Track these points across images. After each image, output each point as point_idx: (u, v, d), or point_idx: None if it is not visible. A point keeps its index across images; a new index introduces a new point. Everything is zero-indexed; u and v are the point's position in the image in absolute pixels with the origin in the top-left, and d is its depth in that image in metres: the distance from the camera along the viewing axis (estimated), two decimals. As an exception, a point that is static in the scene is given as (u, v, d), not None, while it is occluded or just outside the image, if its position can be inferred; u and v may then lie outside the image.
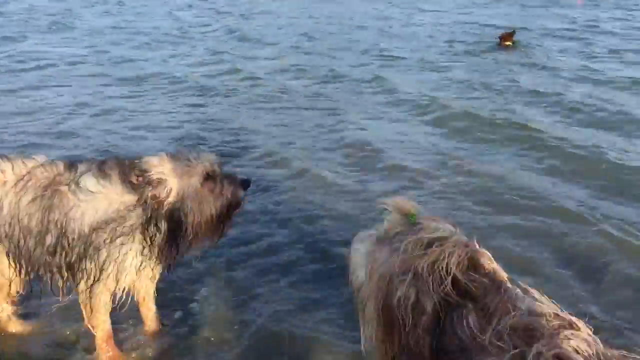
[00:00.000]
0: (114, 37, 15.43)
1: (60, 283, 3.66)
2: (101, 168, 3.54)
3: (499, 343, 2.01)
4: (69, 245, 3.48)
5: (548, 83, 10.16)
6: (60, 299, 3.73)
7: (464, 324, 2.21)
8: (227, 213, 3.74)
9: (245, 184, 3.77)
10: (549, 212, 5.55)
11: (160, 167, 3.56)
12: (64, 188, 3.50)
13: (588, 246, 4.98)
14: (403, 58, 12.48)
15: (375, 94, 9.96)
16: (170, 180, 3.54)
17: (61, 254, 3.51)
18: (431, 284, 2.35)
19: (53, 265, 3.56)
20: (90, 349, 3.87)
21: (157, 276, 3.89)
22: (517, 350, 1.94)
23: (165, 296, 4.31)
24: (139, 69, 11.97)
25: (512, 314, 2.09)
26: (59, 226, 3.47)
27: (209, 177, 3.64)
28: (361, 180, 6.51)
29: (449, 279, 2.33)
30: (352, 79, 10.89)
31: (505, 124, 8.08)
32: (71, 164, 3.62)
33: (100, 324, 3.78)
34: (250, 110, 9.31)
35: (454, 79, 10.70)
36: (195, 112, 9.27)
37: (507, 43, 13.10)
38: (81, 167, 3.58)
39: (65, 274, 3.60)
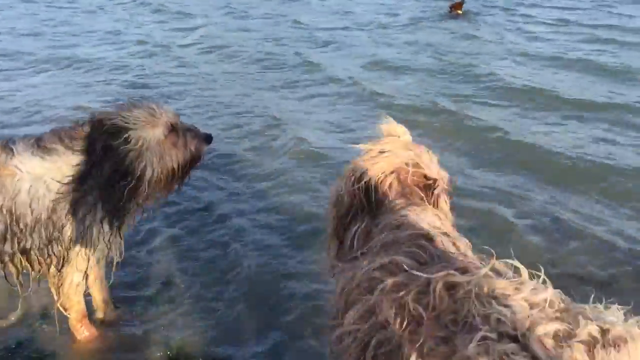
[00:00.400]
0: (13, 13, 14.39)
1: (14, 272, 3.38)
2: (40, 145, 3.28)
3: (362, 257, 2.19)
4: (21, 231, 3.22)
5: (480, 60, 9.96)
6: (19, 290, 3.47)
7: (355, 231, 2.40)
8: (188, 168, 3.59)
9: (208, 139, 3.61)
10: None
11: (118, 115, 3.32)
12: (3, 172, 3.20)
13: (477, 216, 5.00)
14: (330, 35, 12.15)
15: (297, 72, 9.57)
16: (130, 128, 3.29)
17: (12, 241, 3.24)
18: (349, 185, 2.52)
19: (3, 254, 3.28)
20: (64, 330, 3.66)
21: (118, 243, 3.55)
22: (364, 265, 2.10)
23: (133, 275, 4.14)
24: (43, 47, 11.24)
25: (387, 233, 2.23)
26: (5, 212, 3.18)
27: (172, 129, 3.46)
28: (269, 155, 6.34)
29: (359, 185, 2.47)
30: (275, 56, 10.51)
31: (423, 104, 7.80)
32: (5, 145, 3.31)
33: (75, 305, 3.58)
34: (160, 87, 8.86)
35: (382, 56, 10.41)
36: (100, 89, 8.79)
37: (458, 11, 13.26)
38: (18, 148, 3.26)
39: (20, 262, 3.33)
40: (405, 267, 1.96)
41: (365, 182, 2.46)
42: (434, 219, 2.29)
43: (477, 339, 1.58)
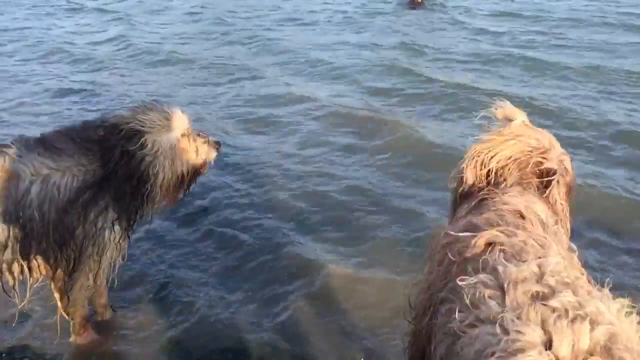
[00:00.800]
0: None
1: (10, 281, 3.24)
2: (47, 145, 3.19)
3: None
4: (27, 236, 3.10)
5: (414, 57, 9.41)
6: (17, 302, 3.34)
7: (465, 208, 2.58)
8: (196, 174, 3.62)
9: (218, 145, 3.68)
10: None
11: (134, 119, 3.32)
12: (4, 175, 3.07)
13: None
14: (259, 32, 11.36)
15: (214, 71, 9.14)
16: (146, 132, 3.30)
17: (13, 248, 3.12)
18: (472, 166, 2.66)
19: (1, 263, 3.15)
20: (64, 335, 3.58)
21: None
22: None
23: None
24: None
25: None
26: (7, 218, 3.06)
27: (184, 133, 3.49)
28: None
29: (482, 169, 2.63)
30: (191, 54, 10.01)
31: (344, 105, 7.47)
32: (1, 148, 3.16)
33: (79, 309, 3.51)
34: (72, 89, 8.44)
35: (313, 54, 9.78)
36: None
37: (418, 1, 13.17)
38: (18, 150, 3.13)
39: (20, 269, 3.21)
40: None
41: (488, 168, 2.60)
42: (539, 209, 2.37)
43: (472, 280, 1.81)
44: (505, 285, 1.71)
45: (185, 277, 4.25)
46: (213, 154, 3.64)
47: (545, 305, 1.59)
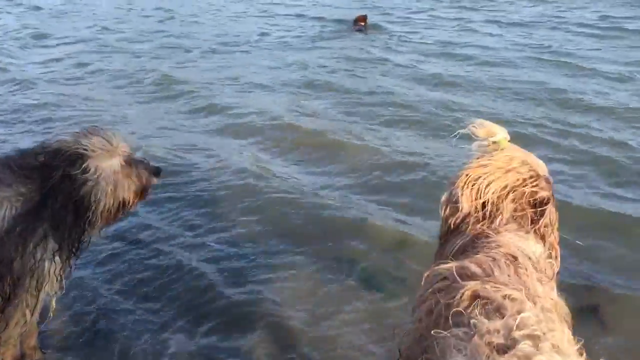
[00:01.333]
0: None
1: None
2: None
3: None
4: None
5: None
6: None
7: (457, 243, 2.49)
8: (136, 200, 3.52)
9: (158, 172, 3.61)
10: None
11: (76, 143, 3.21)
12: None
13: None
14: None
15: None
16: (89, 156, 3.20)
17: None
18: (468, 195, 2.56)
19: None
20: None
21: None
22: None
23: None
24: None
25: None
26: None
27: (127, 160, 3.39)
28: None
29: (478, 200, 2.54)
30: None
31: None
32: None
33: (10, 349, 3.28)
34: None
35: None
36: None
37: (361, 23, 13.67)
38: None
39: None
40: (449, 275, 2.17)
41: (484, 199, 2.50)
42: (532, 250, 2.34)
43: (446, 333, 1.86)
44: (473, 338, 1.75)
45: (117, 314, 4.08)
46: (153, 180, 3.56)
47: (500, 357, 1.64)
